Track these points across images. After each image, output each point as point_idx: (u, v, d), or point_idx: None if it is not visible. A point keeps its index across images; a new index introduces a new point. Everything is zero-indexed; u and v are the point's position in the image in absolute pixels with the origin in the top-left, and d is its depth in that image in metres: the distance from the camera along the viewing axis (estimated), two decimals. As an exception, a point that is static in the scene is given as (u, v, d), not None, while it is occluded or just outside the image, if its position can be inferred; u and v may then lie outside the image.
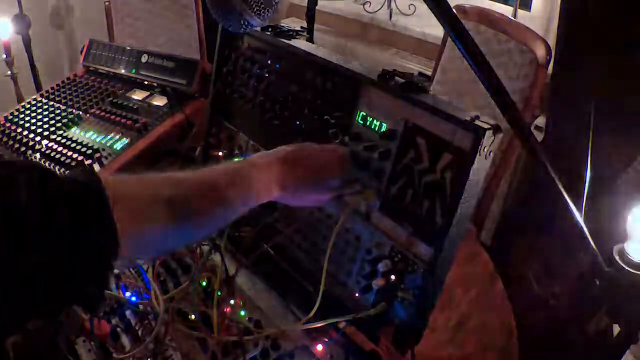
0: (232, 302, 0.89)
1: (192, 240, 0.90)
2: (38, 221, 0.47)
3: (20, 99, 1.85)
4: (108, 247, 0.53)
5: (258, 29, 1.01)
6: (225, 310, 0.87)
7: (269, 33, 1.01)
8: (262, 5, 0.72)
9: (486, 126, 0.68)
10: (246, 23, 0.73)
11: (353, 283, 0.88)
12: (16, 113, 1.53)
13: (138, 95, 1.51)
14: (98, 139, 1.38)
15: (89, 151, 1.32)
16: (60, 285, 0.51)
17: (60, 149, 1.36)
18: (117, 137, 1.37)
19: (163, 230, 0.61)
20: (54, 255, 0.48)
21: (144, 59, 1.55)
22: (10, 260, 0.46)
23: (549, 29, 2.21)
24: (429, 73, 2.08)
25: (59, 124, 1.45)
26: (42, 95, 1.59)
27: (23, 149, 1.39)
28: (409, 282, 0.79)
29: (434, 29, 2.51)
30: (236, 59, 1.09)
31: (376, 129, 0.83)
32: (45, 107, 1.53)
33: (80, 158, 1.31)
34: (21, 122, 1.49)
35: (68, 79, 1.65)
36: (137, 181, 0.63)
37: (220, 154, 1.15)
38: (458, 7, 1.78)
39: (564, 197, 0.63)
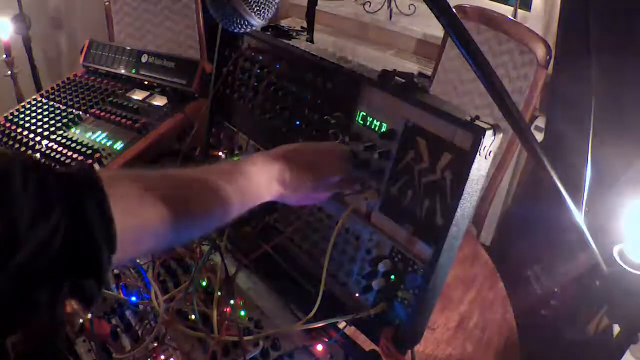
0: (232, 302, 0.89)
1: (189, 238, 0.90)
2: (34, 216, 0.47)
3: (20, 99, 1.85)
4: (105, 242, 0.53)
5: (258, 29, 1.01)
6: (225, 310, 0.87)
7: (269, 33, 1.01)
8: (262, 5, 0.72)
9: (486, 126, 0.68)
10: (246, 23, 0.73)
11: (353, 283, 0.88)
12: (16, 113, 1.53)
13: (138, 95, 1.51)
14: (98, 139, 1.38)
15: (89, 151, 1.32)
16: (58, 281, 0.51)
17: (60, 149, 1.36)
18: (117, 137, 1.37)
19: (160, 227, 0.61)
20: (50, 251, 0.48)
21: (144, 59, 1.55)
22: (8, 256, 0.46)
23: (549, 29, 2.22)
24: (429, 73, 2.09)
25: (59, 124, 1.45)
26: (42, 95, 1.59)
27: (23, 149, 1.39)
28: (409, 282, 0.79)
29: (434, 29, 2.52)
30: (236, 59, 1.09)
31: (376, 129, 0.83)
32: (45, 107, 1.53)
33: (80, 158, 1.31)
34: (21, 122, 1.49)
35: (68, 79, 1.65)
36: (135, 177, 0.63)
37: (220, 154, 1.15)
38: (458, 7, 1.78)
39: (563, 197, 0.63)
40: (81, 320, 0.87)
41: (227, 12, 0.72)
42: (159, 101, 1.47)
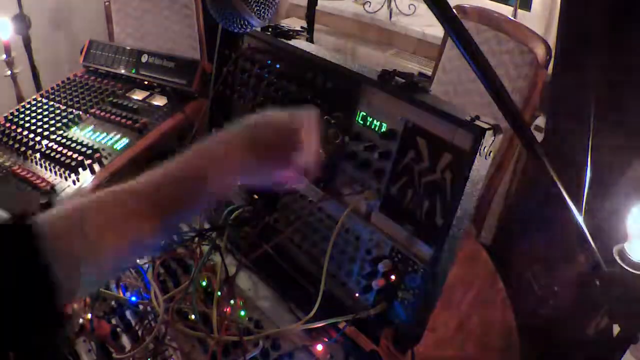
0: (232, 302, 0.89)
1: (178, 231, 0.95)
2: None
3: (20, 99, 1.85)
4: (47, 301, 0.54)
5: (258, 29, 1.01)
6: (225, 310, 0.87)
7: (269, 33, 1.01)
8: (262, 5, 0.72)
9: (486, 126, 0.68)
10: (246, 23, 0.73)
11: (353, 283, 0.88)
12: (16, 113, 1.53)
13: (138, 95, 1.52)
14: (98, 139, 1.38)
15: (89, 151, 1.32)
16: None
17: (60, 149, 1.36)
18: (117, 137, 1.37)
19: (151, 235, 0.63)
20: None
21: (144, 59, 1.55)
22: None
23: (549, 29, 2.22)
24: (429, 73, 2.09)
25: (59, 124, 1.45)
26: (42, 95, 1.59)
27: (23, 149, 1.39)
28: (409, 282, 0.79)
29: (434, 29, 2.51)
30: (236, 59, 1.09)
31: (376, 129, 0.83)
32: (45, 107, 1.53)
33: (80, 158, 1.31)
34: (21, 122, 1.49)
35: (68, 79, 1.65)
36: (119, 193, 0.63)
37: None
38: (458, 7, 1.78)
39: (564, 197, 0.63)
40: (81, 320, 0.87)
41: (227, 12, 0.72)
42: (159, 101, 1.48)
